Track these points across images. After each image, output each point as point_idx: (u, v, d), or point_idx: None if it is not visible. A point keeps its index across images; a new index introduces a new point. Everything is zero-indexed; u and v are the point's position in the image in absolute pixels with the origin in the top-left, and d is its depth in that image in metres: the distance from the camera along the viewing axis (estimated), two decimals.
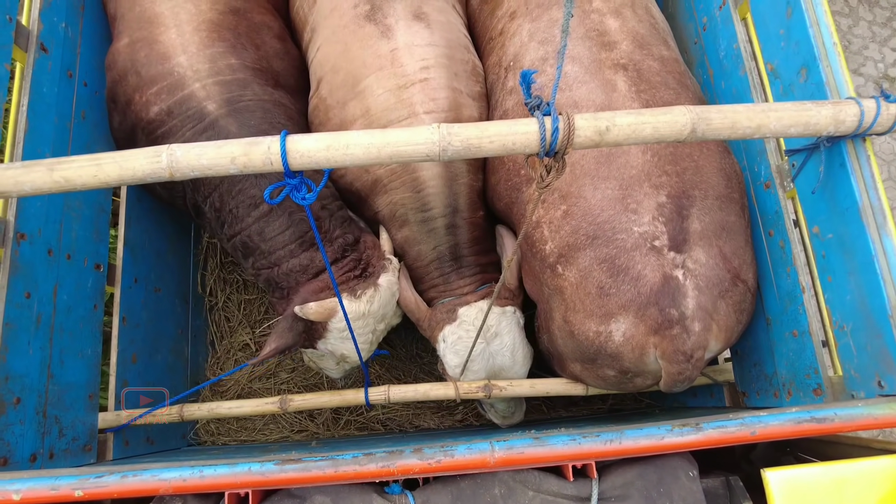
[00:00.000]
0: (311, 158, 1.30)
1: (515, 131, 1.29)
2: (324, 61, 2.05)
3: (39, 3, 1.97)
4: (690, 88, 1.94)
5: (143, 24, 1.98)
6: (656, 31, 1.99)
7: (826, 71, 1.57)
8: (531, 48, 1.97)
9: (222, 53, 1.96)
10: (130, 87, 1.97)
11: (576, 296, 1.77)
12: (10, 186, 1.35)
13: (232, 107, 1.90)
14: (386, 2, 1.97)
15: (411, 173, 2.02)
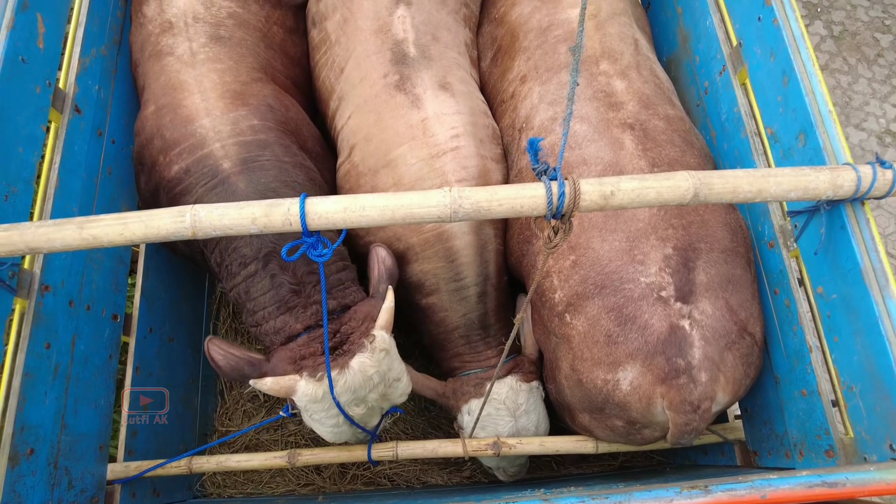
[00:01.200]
0: (328, 219, 1.36)
1: (523, 195, 1.35)
2: (357, 129, 2.12)
3: (77, 68, 2.09)
4: (696, 146, 2.00)
5: (169, 91, 2.08)
6: (661, 92, 2.07)
7: (823, 137, 1.63)
8: (541, 109, 2.06)
9: (245, 116, 2.04)
10: (156, 149, 2.06)
11: (584, 344, 1.79)
12: (41, 243, 1.42)
13: (246, 166, 1.96)
14: (414, 72, 2.05)
15: (444, 242, 2.04)
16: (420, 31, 2.11)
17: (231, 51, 2.16)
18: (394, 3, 2.13)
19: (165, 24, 2.18)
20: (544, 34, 2.14)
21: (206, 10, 2.18)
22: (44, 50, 1.95)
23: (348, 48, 2.18)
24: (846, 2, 5.72)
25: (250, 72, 2.16)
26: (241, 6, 2.25)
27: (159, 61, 2.15)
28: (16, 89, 1.78)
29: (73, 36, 2.14)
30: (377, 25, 2.12)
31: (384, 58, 2.09)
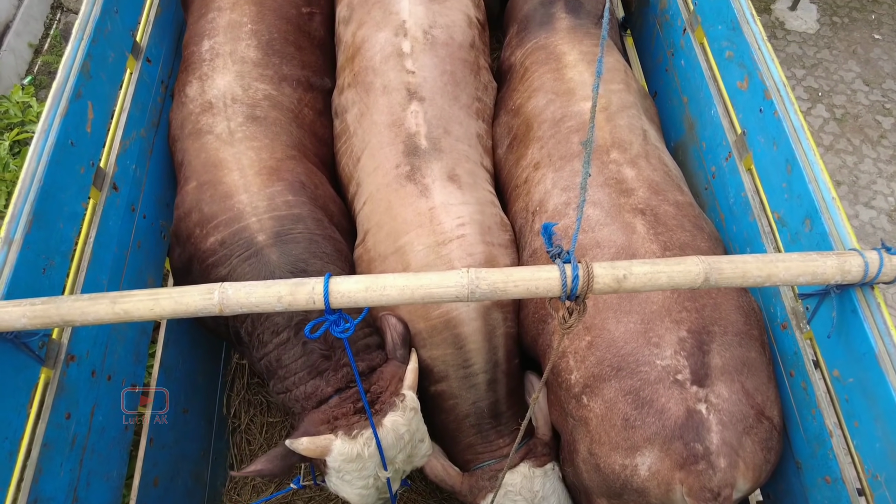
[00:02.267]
0: (350, 298, 1.42)
1: (538, 277, 1.40)
2: (370, 215, 2.22)
3: (118, 150, 2.24)
4: (705, 230, 2.05)
5: (209, 169, 2.20)
6: (670, 179, 2.15)
7: (828, 223, 1.69)
8: (555, 194, 2.14)
9: (280, 191, 2.14)
10: (193, 222, 2.16)
11: (601, 427, 1.78)
12: (76, 316, 1.48)
13: (279, 238, 2.05)
14: (425, 163, 2.15)
15: (452, 329, 2.06)
16: (432, 124, 2.22)
17: (266, 130, 2.29)
18: (407, 100, 2.25)
19: (206, 104, 2.33)
20: (558, 125, 2.25)
21: (244, 91, 2.34)
22: (91, 134, 2.10)
23: (364, 139, 2.30)
24: (846, 87, 5.95)
25: (284, 149, 2.28)
26: (276, 89, 2.40)
27: (199, 139, 2.28)
28: (63, 170, 1.91)
29: (116, 121, 2.30)
30: (391, 120, 2.24)
31: (397, 149, 2.19)
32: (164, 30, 2.68)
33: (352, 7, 2.55)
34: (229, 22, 2.45)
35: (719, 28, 2.25)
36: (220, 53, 2.39)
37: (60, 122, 1.93)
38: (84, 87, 2.08)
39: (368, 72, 2.34)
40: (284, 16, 2.54)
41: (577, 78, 2.32)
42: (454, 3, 2.48)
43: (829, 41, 6.27)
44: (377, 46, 2.35)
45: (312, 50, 2.62)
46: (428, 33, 2.35)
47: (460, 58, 2.38)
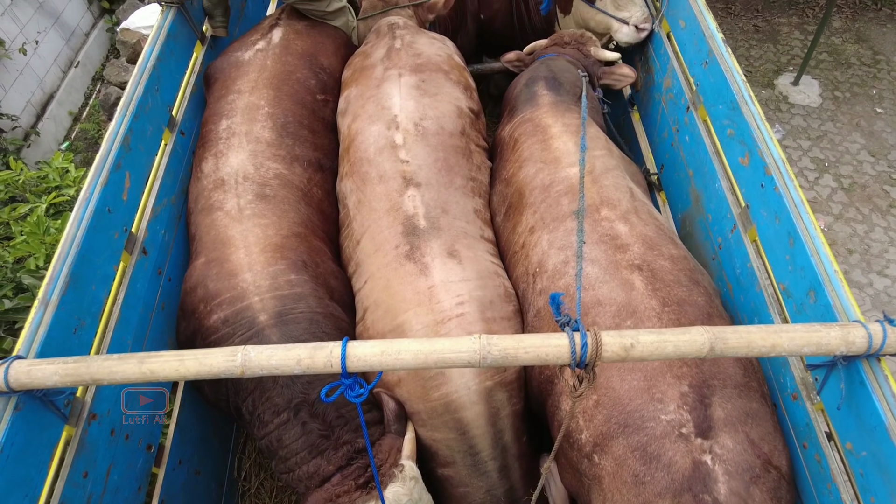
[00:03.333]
0: (366, 362, 1.48)
1: (548, 344, 1.45)
2: (369, 293, 2.26)
3: (149, 216, 2.37)
4: (702, 283, 2.11)
5: (217, 245, 2.28)
6: (662, 232, 2.23)
7: (832, 295, 1.73)
8: (552, 254, 2.22)
9: (283, 270, 2.20)
10: (198, 298, 2.22)
11: (613, 485, 1.79)
12: (104, 375, 1.55)
13: (280, 318, 2.09)
14: (423, 242, 2.20)
15: (453, 413, 2.02)
16: (430, 206, 2.28)
17: (275, 207, 2.38)
18: (404, 186, 2.32)
19: (219, 181, 2.44)
20: (547, 190, 2.37)
21: (256, 170, 2.45)
22: (126, 201, 2.24)
23: (363, 224, 2.37)
24: (852, 157, 6.07)
25: (291, 226, 2.36)
26: (287, 168, 2.51)
27: (210, 215, 2.38)
28: (99, 235, 2.03)
29: (149, 189, 2.44)
30: (389, 205, 2.31)
31: (396, 231, 2.24)
32: (197, 105, 2.88)
33: (348, 100, 2.70)
34: (247, 104, 2.60)
35: (720, 108, 2.38)
36: (236, 133, 2.53)
37: (101, 191, 2.08)
38: (124, 158, 2.24)
39: (364, 162, 2.44)
40: (300, 101, 2.70)
41: (562, 147, 2.47)
42: (444, 97, 2.60)
43: (833, 114, 6.46)
44: (371, 139, 2.46)
45: (325, 133, 2.76)
46: (419, 125, 2.45)
47: (451, 145, 2.48)
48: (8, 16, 6.09)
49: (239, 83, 2.69)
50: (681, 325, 1.94)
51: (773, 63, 6.95)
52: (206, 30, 3.14)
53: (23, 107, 6.23)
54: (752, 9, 7.50)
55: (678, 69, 2.74)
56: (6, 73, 6.04)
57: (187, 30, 2.93)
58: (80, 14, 7.21)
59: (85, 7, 7.30)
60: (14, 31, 6.17)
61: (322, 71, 2.88)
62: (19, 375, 1.56)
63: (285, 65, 2.77)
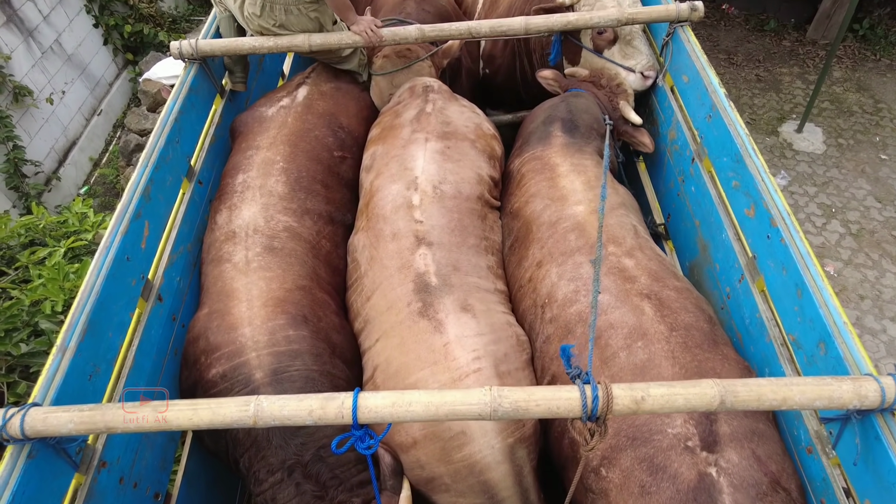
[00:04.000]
0: (377, 413, 1.49)
1: (559, 397, 1.46)
2: (381, 351, 2.23)
3: (166, 263, 2.42)
4: (706, 311, 2.19)
5: (222, 297, 2.31)
6: (665, 267, 2.31)
7: (842, 348, 1.73)
8: (562, 285, 2.27)
9: (282, 326, 2.20)
10: (200, 349, 2.24)
11: (620, 497, 1.81)
12: (118, 424, 1.57)
13: (276, 377, 2.10)
14: (437, 298, 2.19)
15: (478, 476, 1.97)
16: (441, 264, 2.29)
17: (281, 260, 2.40)
18: (415, 245, 2.33)
19: (230, 233, 2.48)
20: (555, 226, 2.43)
21: (266, 223, 2.49)
22: (144, 249, 2.30)
23: (375, 281, 2.37)
24: (858, 203, 6.10)
25: (295, 279, 2.37)
26: (297, 221, 2.56)
27: (219, 266, 2.42)
28: (118, 283, 2.08)
29: (167, 237, 2.50)
30: (401, 263, 2.31)
31: (408, 288, 2.24)
32: (215, 155, 2.98)
33: (374, 157, 2.77)
34: (264, 159, 2.68)
35: (724, 160, 2.43)
36: (250, 186, 2.59)
37: (121, 239, 2.14)
38: (144, 208, 2.31)
39: (380, 219, 2.48)
40: (316, 157, 2.77)
41: (569, 186, 2.55)
42: (467, 163, 2.66)
43: (838, 161, 6.53)
44: (389, 197, 2.51)
45: (339, 188, 2.82)
46: (437, 188, 2.51)
47: (467, 208, 2.53)
48: (38, 68, 6.37)
49: (259, 139, 2.77)
50: (688, 347, 1.99)
51: (776, 111, 7.08)
52: (225, 84, 3.28)
53: (46, 153, 6.44)
54: (753, 59, 7.70)
55: (682, 122, 2.82)
56: (33, 121, 6.27)
57: (208, 84, 3.06)
58: (105, 65, 7.52)
59: (110, 59, 7.62)
60: (43, 82, 6.44)
61: (341, 129, 2.96)
62: (35, 423, 1.58)
63: (305, 122, 2.86)
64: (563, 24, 2.90)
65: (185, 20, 8.36)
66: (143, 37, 7.51)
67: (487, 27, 2.90)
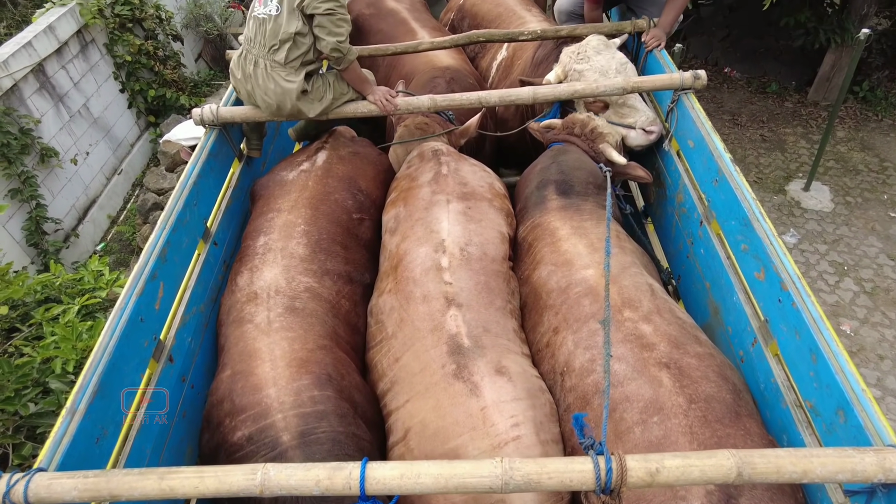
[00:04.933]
0: (385, 485, 1.46)
1: (572, 469, 1.43)
2: (414, 413, 2.19)
3: (178, 324, 2.44)
4: (731, 379, 2.07)
5: (245, 358, 2.31)
6: (686, 331, 2.22)
7: (862, 416, 1.69)
8: (578, 354, 2.22)
9: (307, 386, 2.20)
10: (224, 412, 2.21)
11: None
12: (124, 491, 1.54)
13: (304, 439, 2.07)
14: (470, 360, 2.18)
15: None
16: (471, 325, 2.31)
17: (303, 321, 2.43)
18: (446, 306, 2.36)
19: (252, 294, 2.51)
20: (566, 292, 2.40)
21: (288, 284, 2.53)
22: (158, 310, 2.33)
23: (405, 342, 2.37)
24: (871, 261, 6.07)
25: (317, 339, 2.39)
26: (318, 282, 2.60)
27: (240, 327, 2.43)
28: (130, 344, 2.10)
29: (180, 297, 2.53)
30: (432, 325, 2.33)
31: (441, 350, 2.23)
32: (231, 217, 3.05)
33: (398, 220, 2.82)
34: (285, 222, 2.75)
35: (732, 223, 2.46)
36: (272, 249, 2.65)
37: (136, 300, 2.17)
38: (160, 269, 2.35)
39: (409, 282, 2.50)
40: (336, 220, 2.85)
41: (572, 249, 2.53)
42: (489, 223, 2.73)
43: (847, 219, 6.55)
44: (418, 260, 2.55)
45: (358, 249, 2.88)
46: (464, 250, 2.56)
47: (493, 270, 2.57)
48: (65, 130, 6.64)
49: (280, 202, 2.85)
50: (708, 422, 1.91)
51: (782, 170, 7.17)
52: (243, 148, 3.40)
53: (67, 211, 6.62)
54: (757, 120, 7.87)
55: (689, 185, 2.86)
56: (57, 180, 6.48)
57: (227, 149, 3.17)
58: (128, 127, 7.83)
59: (133, 121, 7.94)
60: (69, 144, 6.70)
61: (360, 192, 3.05)
62: (39, 490, 1.56)
63: (325, 186, 2.94)
64: (570, 93, 3.00)
65: (205, 85, 8.75)
66: (166, 100, 7.85)
67: (497, 97, 3.01)
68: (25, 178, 5.92)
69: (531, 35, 3.55)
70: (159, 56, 7.78)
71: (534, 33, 3.54)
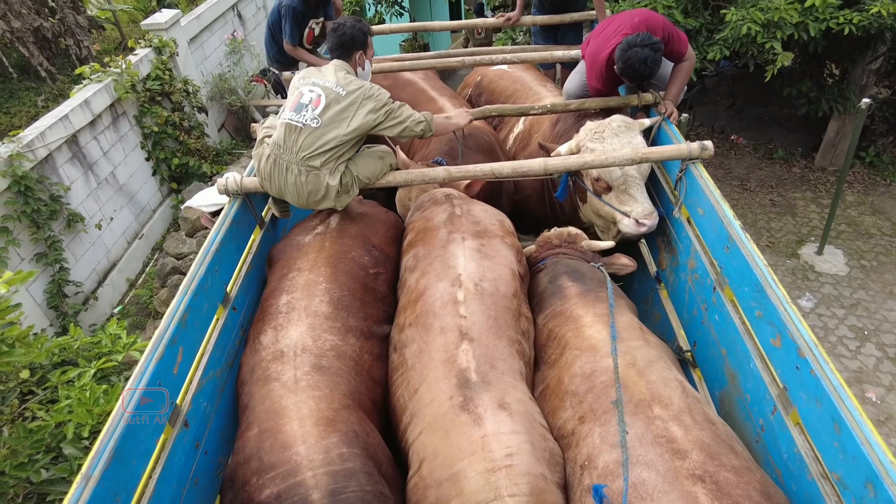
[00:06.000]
0: None
1: None
2: (427, 443, 2.28)
3: (195, 388, 2.46)
4: (774, 498, 1.92)
5: (271, 416, 2.32)
6: (720, 439, 2.07)
7: (892, 490, 1.63)
8: (604, 451, 2.11)
9: (336, 444, 2.21)
10: (251, 470, 2.20)
11: None
12: None
13: (334, 498, 2.05)
14: (476, 394, 2.29)
15: None
16: (480, 361, 2.42)
17: (328, 379, 2.47)
18: (459, 339, 2.49)
19: (277, 352, 2.55)
20: (590, 379, 2.36)
21: (314, 342, 2.58)
22: (176, 375, 2.35)
23: (422, 373, 2.48)
24: (891, 326, 5.97)
25: (341, 399, 2.42)
26: (342, 339, 2.65)
27: (266, 385, 2.45)
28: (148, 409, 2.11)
29: (198, 362, 2.56)
30: (446, 357, 2.45)
31: (451, 383, 2.35)
32: (250, 283, 3.12)
33: (417, 258, 2.97)
34: (307, 281, 2.83)
35: (745, 290, 2.47)
36: (295, 307, 2.71)
37: (155, 365, 2.20)
38: (180, 334, 2.40)
39: (429, 315, 2.64)
40: (354, 276, 2.94)
41: (597, 336, 2.53)
42: (501, 260, 2.87)
43: (863, 282, 6.49)
44: (437, 294, 2.69)
45: (375, 304, 2.96)
46: (478, 285, 2.71)
47: (504, 305, 2.69)
48: (92, 196, 6.90)
49: (300, 262, 2.95)
50: None
51: (794, 234, 7.19)
52: (264, 214, 3.51)
53: (88, 274, 6.77)
54: (766, 185, 7.97)
55: (701, 252, 2.89)
56: (80, 244, 6.67)
57: (249, 216, 3.29)
58: (151, 193, 8.11)
59: (157, 188, 8.23)
60: (94, 209, 6.94)
61: (374, 248, 3.17)
62: None
63: (342, 245, 3.06)
64: (580, 164, 3.11)
65: (227, 153, 9.11)
66: (189, 168, 8.16)
67: (509, 168, 3.13)
68: (51, 243, 6.11)
69: (541, 109, 3.71)
70: (184, 126, 8.16)
71: (544, 107, 3.70)
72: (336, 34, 3.07)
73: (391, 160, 3.27)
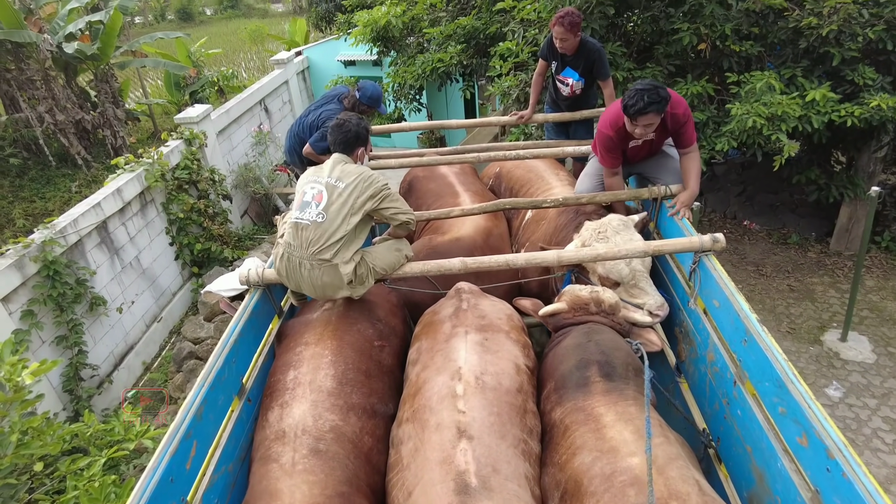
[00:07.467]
0: None
1: None
2: None
3: (206, 485, 2.42)
4: None
5: (265, 497, 2.32)
6: None
7: None
8: None
9: None
10: None
11: None
12: None
13: None
14: (476, 502, 2.13)
15: None
16: (480, 462, 2.27)
17: (325, 464, 2.44)
18: (457, 437, 2.36)
19: (280, 432, 2.55)
20: (610, 480, 2.27)
21: (314, 422, 2.57)
22: (189, 470, 2.32)
23: (417, 475, 2.35)
24: None
25: (336, 485, 2.39)
26: (343, 419, 2.63)
27: (265, 465, 2.45)
28: None
29: (211, 456, 2.53)
30: (442, 457, 2.31)
31: (448, 488, 2.20)
32: (266, 373, 3.13)
33: (420, 352, 2.95)
34: (313, 353, 2.86)
35: (766, 385, 2.42)
36: (301, 383, 2.73)
37: (169, 460, 2.18)
38: (194, 428, 2.39)
39: (426, 410, 2.55)
40: (359, 348, 2.96)
41: (618, 437, 2.42)
42: (504, 353, 2.80)
43: (893, 371, 6.29)
44: (435, 388, 2.61)
45: (380, 377, 2.97)
46: (479, 379, 2.61)
47: (507, 401, 2.58)
48: (116, 280, 7.07)
49: (307, 336, 3.00)
50: None
51: (815, 320, 7.06)
52: (283, 304, 3.58)
53: (105, 357, 6.81)
54: (782, 270, 7.94)
55: (719, 345, 2.86)
56: (100, 327, 6.76)
57: (268, 307, 3.35)
58: (172, 277, 8.29)
59: (178, 272, 8.43)
60: (116, 293, 7.09)
61: (379, 321, 3.21)
62: None
63: (348, 318, 3.11)
64: (594, 256, 3.16)
65: (249, 238, 9.37)
66: (210, 253, 8.38)
67: (523, 259, 3.20)
68: (73, 326, 6.21)
69: (553, 203, 3.82)
70: (209, 213, 8.47)
71: (556, 201, 3.82)
72: (342, 130, 3.19)
73: (407, 251, 3.35)
